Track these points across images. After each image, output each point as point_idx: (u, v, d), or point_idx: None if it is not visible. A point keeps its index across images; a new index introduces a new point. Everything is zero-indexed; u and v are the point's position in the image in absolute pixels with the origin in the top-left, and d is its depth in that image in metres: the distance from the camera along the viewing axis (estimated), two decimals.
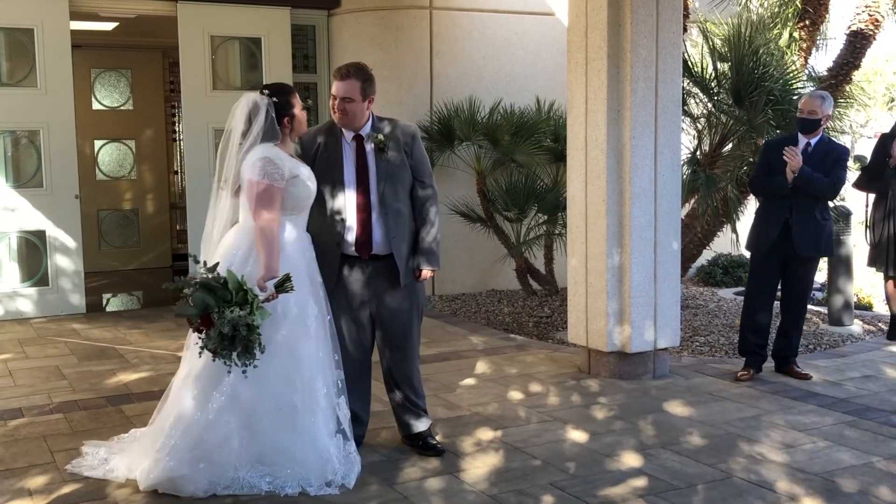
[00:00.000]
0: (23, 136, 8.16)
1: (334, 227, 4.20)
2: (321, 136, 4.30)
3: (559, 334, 7.38)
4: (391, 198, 4.23)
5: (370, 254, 4.23)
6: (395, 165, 4.26)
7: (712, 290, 9.56)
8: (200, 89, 8.48)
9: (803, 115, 5.72)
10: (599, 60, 5.75)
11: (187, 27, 8.45)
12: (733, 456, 4.42)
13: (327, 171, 4.21)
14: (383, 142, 4.24)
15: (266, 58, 8.75)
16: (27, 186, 8.14)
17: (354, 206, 4.21)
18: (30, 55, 8.06)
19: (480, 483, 4.09)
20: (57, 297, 8.23)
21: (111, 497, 3.95)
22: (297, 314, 4.04)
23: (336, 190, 4.21)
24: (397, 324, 4.34)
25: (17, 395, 5.57)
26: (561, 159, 8.14)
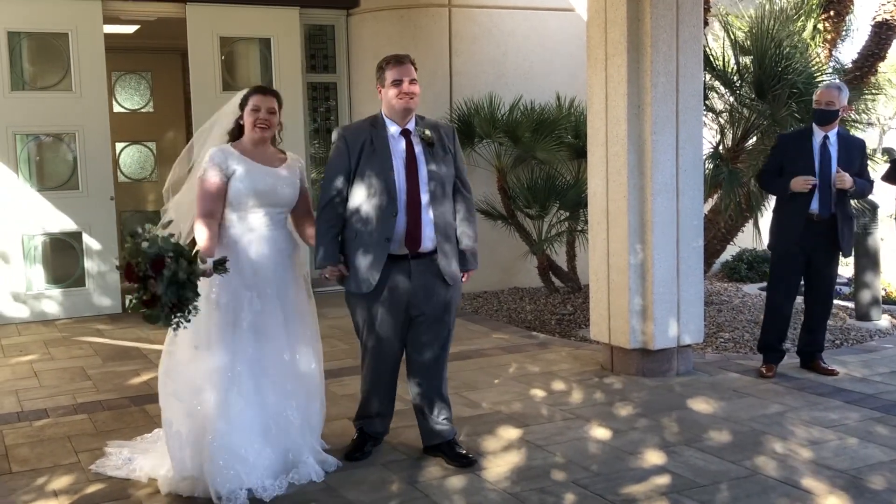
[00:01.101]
0: (58, 139, 8.26)
1: (384, 222, 4.09)
2: (366, 130, 4.19)
3: (582, 332, 7.34)
4: (439, 194, 4.16)
5: (416, 251, 4.14)
6: (441, 162, 4.19)
7: (737, 285, 9.47)
8: (210, 90, 8.52)
9: (821, 107, 5.62)
10: (619, 56, 5.70)
11: (196, 29, 8.49)
12: (758, 453, 4.37)
13: (376, 166, 4.11)
14: (431, 137, 4.17)
15: (276, 58, 8.76)
16: (63, 189, 8.24)
17: (405, 202, 4.11)
18: (64, 59, 8.15)
19: (502, 481, 4.07)
20: (93, 298, 8.33)
21: (134, 497, 3.96)
22: (225, 303, 4.03)
23: (386, 185, 4.09)
24: (434, 324, 4.24)
25: (42, 396, 5.62)
26: (582, 155, 8.10)
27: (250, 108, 4.15)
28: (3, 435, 4.84)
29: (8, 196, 7.99)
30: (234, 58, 8.86)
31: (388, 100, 4.14)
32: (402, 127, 4.17)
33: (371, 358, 4.28)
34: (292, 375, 4.16)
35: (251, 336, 4.05)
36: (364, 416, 4.43)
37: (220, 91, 8.51)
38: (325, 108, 9.44)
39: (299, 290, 4.26)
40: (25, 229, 8.09)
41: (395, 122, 4.17)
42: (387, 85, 4.13)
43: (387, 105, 4.18)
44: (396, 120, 4.17)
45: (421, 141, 4.17)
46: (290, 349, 4.16)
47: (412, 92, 4.11)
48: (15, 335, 7.53)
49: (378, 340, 4.21)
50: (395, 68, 4.12)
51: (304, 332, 4.24)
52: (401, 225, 4.10)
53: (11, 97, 7.97)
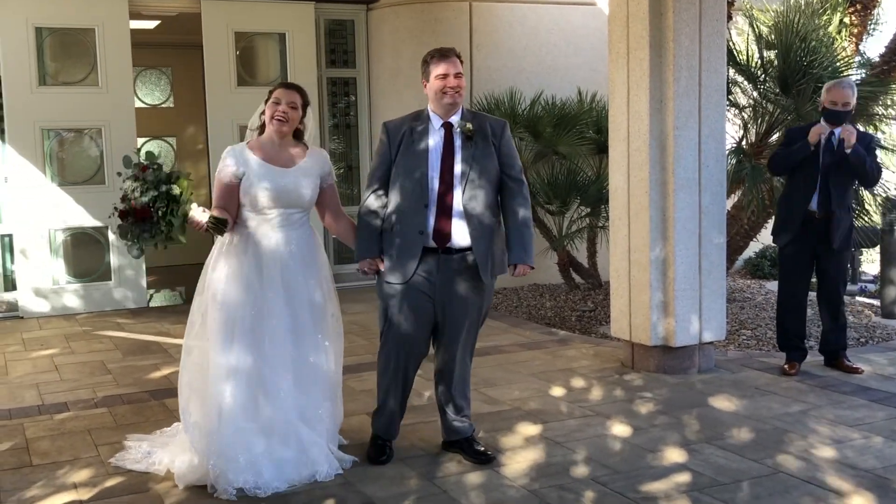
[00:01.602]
0: (85, 134, 8.32)
1: (417, 215, 4.05)
2: (409, 122, 4.16)
3: (602, 328, 7.29)
4: (476, 190, 4.09)
5: (446, 246, 4.08)
6: (482, 157, 4.10)
7: (760, 282, 9.38)
8: (225, 86, 8.52)
9: (837, 108, 5.52)
10: (641, 50, 5.65)
11: (211, 23, 8.51)
12: (780, 451, 4.32)
13: (411, 159, 4.08)
14: (472, 130, 4.10)
15: (290, 53, 8.75)
16: (89, 183, 8.30)
17: (437, 196, 4.07)
18: (91, 55, 8.20)
19: (521, 478, 4.04)
20: (117, 293, 8.39)
21: (153, 490, 3.97)
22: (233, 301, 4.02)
23: (421, 178, 4.06)
24: (458, 320, 4.18)
25: (62, 390, 5.65)
26: (604, 151, 8.04)
27: (271, 101, 4.14)
28: (24, 428, 4.87)
29: (35, 191, 8.06)
30: (249, 53, 8.86)
31: (433, 93, 4.10)
32: (444, 120, 4.13)
33: (391, 348, 4.21)
34: (305, 375, 4.11)
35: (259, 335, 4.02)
36: (381, 414, 4.33)
37: (234, 86, 8.53)
38: (345, 103, 9.44)
39: (317, 290, 4.19)
40: (52, 224, 8.15)
41: (438, 115, 4.14)
42: (431, 79, 4.09)
43: (431, 99, 4.13)
44: (440, 113, 4.13)
45: (461, 134, 4.12)
46: (299, 349, 4.11)
47: (458, 86, 4.07)
48: (36, 329, 7.58)
49: (400, 332, 4.16)
50: (440, 62, 4.08)
51: (318, 332, 4.17)
52: (431, 218, 4.06)
53: (38, 92, 8.04)
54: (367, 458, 4.26)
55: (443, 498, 3.83)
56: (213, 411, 3.97)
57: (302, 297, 4.13)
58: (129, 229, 3.91)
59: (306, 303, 4.14)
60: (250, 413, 3.98)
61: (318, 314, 4.20)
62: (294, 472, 3.97)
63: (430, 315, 4.16)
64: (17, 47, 7.92)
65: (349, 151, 9.51)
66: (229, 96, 8.48)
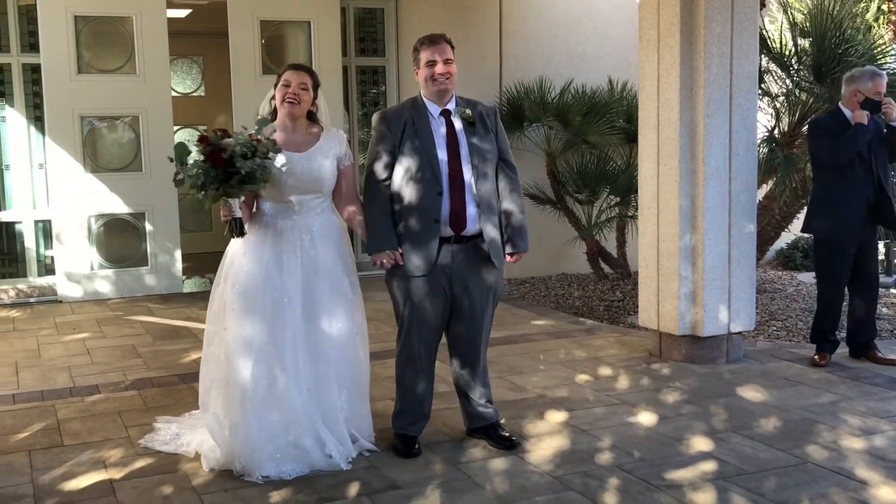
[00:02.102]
0: (122, 121, 8.42)
1: (429, 204, 4.02)
2: (406, 111, 4.12)
3: (630, 318, 7.26)
4: (482, 173, 4.09)
5: (460, 232, 4.07)
6: (483, 142, 4.11)
7: (791, 273, 9.29)
8: (250, 74, 8.57)
9: (879, 98, 5.44)
10: (672, 37, 5.60)
11: (237, 12, 8.54)
12: (809, 441, 4.27)
13: (420, 148, 4.03)
14: (471, 116, 4.11)
15: (315, 41, 8.77)
16: (127, 170, 8.41)
17: (448, 182, 4.04)
18: (128, 43, 8.29)
19: (545, 464, 4.03)
20: (153, 278, 8.50)
21: (182, 471, 4.01)
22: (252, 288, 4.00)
23: (431, 166, 4.02)
24: (477, 308, 4.18)
25: (94, 373, 5.73)
26: (634, 140, 7.98)
27: (281, 83, 4.07)
28: (55, 409, 4.95)
29: (74, 177, 8.17)
30: (275, 41, 8.88)
31: (423, 80, 4.08)
32: (441, 107, 4.12)
33: (415, 343, 4.18)
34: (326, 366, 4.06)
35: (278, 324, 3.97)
36: (405, 411, 4.28)
37: (259, 75, 8.57)
38: (375, 91, 9.45)
39: (340, 279, 4.13)
40: (89, 210, 8.26)
41: (435, 103, 4.12)
42: (421, 66, 4.07)
43: (423, 86, 4.11)
44: (435, 101, 4.11)
45: (462, 121, 4.12)
46: (319, 339, 4.05)
47: (448, 72, 4.05)
48: (69, 313, 7.69)
49: (422, 323, 4.14)
50: (429, 49, 4.05)
51: (340, 322, 4.11)
52: (446, 205, 4.04)
53: (77, 80, 8.14)
54: (395, 452, 4.19)
55: (467, 483, 3.84)
56: (236, 402, 3.96)
57: (323, 286, 4.06)
58: (196, 161, 3.83)
59: (327, 292, 4.07)
60: (272, 402, 3.96)
61: (342, 304, 4.12)
62: (316, 459, 3.98)
63: (447, 304, 4.16)
64: (57, 36, 8.02)
65: None
66: (254, 85, 8.52)
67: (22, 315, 7.65)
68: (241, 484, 3.85)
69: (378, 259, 4.08)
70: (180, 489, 3.82)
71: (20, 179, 8.25)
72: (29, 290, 8.28)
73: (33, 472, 4.03)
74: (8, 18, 8.08)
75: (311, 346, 4.04)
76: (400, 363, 4.27)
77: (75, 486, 3.86)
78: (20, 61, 8.14)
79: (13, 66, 8.12)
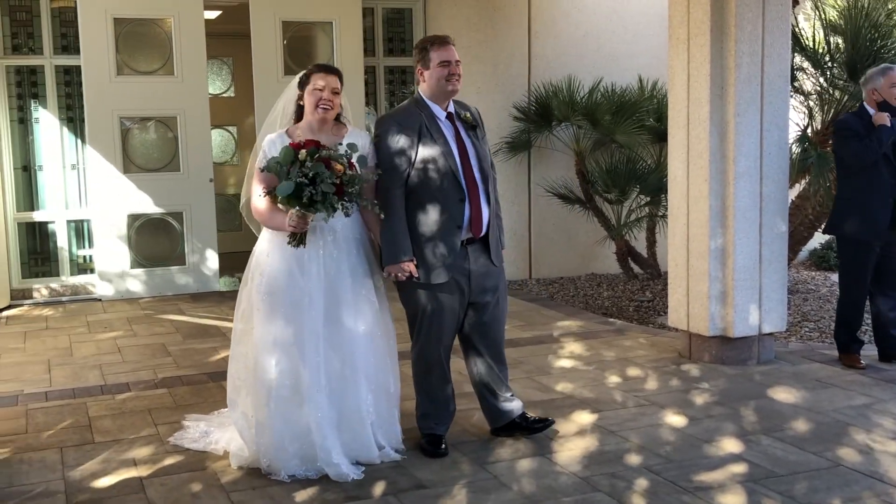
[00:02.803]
0: (161, 122, 8.52)
1: (453, 209, 4.00)
2: (417, 114, 4.06)
3: (660, 319, 7.20)
4: (487, 177, 4.11)
5: (478, 236, 4.07)
6: (482, 144, 4.17)
7: (825, 274, 9.17)
8: (272, 75, 8.60)
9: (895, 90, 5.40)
10: (702, 36, 5.55)
11: (259, 13, 8.57)
12: (841, 444, 4.21)
13: (437, 151, 4.00)
14: (471, 119, 4.14)
15: (337, 42, 8.78)
16: (165, 171, 8.50)
17: (467, 187, 4.02)
18: (167, 44, 8.39)
19: (573, 465, 4.01)
20: (188, 278, 8.60)
21: (210, 469, 4.04)
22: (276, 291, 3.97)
23: (450, 170, 4.00)
24: (493, 307, 4.20)
25: (125, 371, 5.78)
26: (664, 139, 7.91)
27: (312, 87, 3.98)
28: (87, 407, 5.00)
29: (112, 178, 8.27)
30: (297, 42, 8.90)
31: (436, 81, 4.03)
32: (444, 110, 4.10)
33: (435, 347, 4.16)
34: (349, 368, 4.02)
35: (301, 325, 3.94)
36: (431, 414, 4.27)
37: (281, 75, 8.61)
38: (403, 92, 9.46)
39: (364, 281, 4.06)
40: (128, 209, 8.36)
41: (438, 105, 4.09)
42: (432, 66, 4.02)
43: (433, 87, 4.05)
44: (439, 103, 4.09)
45: (463, 124, 4.12)
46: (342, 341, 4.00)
47: (460, 74, 4.06)
48: (101, 312, 7.77)
49: (442, 328, 4.13)
50: (440, 49, 4.03)
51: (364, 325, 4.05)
52: (467, 211, 4.04)
53: (116, 82, 8.24)
54: (423, 451, 4.18)
55: (494, 483, 3.83)
56: (262, 401, 3.96)
57: (346, 288, 4.01)
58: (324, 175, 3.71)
59: (351, 294, 4.02)
60: (296, 401, 3.95)
61: (365, 306, 4.06)
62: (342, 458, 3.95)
63: (464, 307, 4.17)
64: (97, 38, 8.12)
65: None
66: (276, 86, 8.54)
67: (55, 314, 7.75)
68: (269, 482, 3.87)
69: (393, 271, 4.02)
70: (209, 487, 3.84)
71: (53, 180, 8.36)
72: (62, 288, 8.38)
73: (65, 468, 4.08)
74: (41, 21, 8.19)
75: (333, 347, 4.00)
76: (420, 370, 4.24)
77: (105, 483, 3.90)
78: (53, 63, 8.25)
79: (46, 67, 8.23)
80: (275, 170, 3.78)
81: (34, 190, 8.37)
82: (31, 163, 8.32)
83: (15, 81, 8.21)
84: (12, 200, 8.24)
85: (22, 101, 8.26)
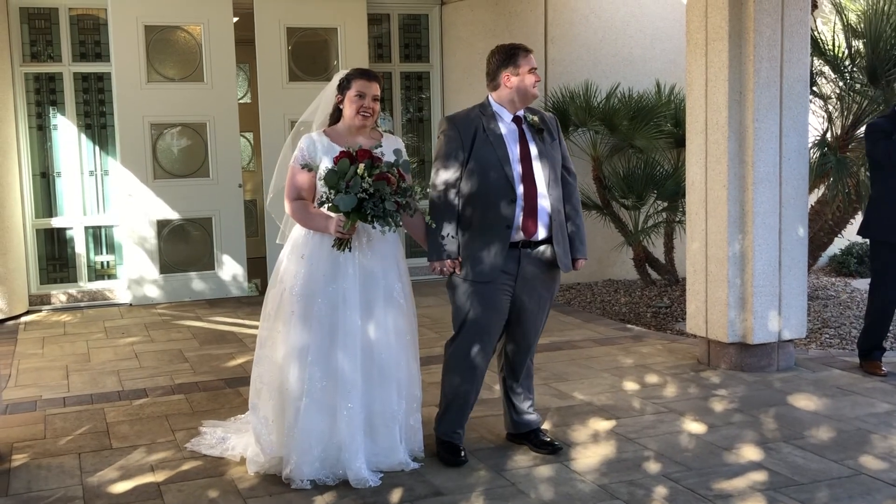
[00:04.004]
0: (190, 128, 8.57)
1: (504, 209, 4.01)
2: (476, 117, 4.11)
3: (678, 325, 7.15)
4: (552, 180, 4.10)
5: (530, 239, 4.06)
6: (550, 149, 4.13)
7: (845, 280, 9.09)
8: (277, 81, 8.62)
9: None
10: (720, 41, 5.52)
11: (263, 19, 8.60)
12: (863, 452, 4.16)
13: (492, 153, 4.03)
14: (539, 123, 4.12)
15: (342, 48, 8.79)
16: (195, 176, 8.57)
17: (521, 189, 4.03)
18: (197, 51, 8.45)
19: (591, 473, 3.98)
20: (222, 281, 8.65)
21: (228, 475, 4.04)
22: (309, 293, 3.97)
23: (503, 172, 4.01)
24: (539, 316, 4.18)
25: (142, 377, 5.80)
26: (682, 144, 7.89)
27: (354, 93, 4.02)
28: (104, 412, 5.02)
29: (142, 183, 8.33)
30: (301, 48, 8.90)
31: (524, 87, 4.07)
32: (513, 114, 4.13)
33: (470, 346, 4.13)
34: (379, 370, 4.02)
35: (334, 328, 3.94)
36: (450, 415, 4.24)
37: (286, 82, 8.64)
38: (418, 97, 9.46)
39: (395, 283, 4.08)
40: (157, 215, 8.41)
41: (506, 109, 4.12)
42: (523, 72, 4.06)
43: (517, 92, 4.07)
44: (510, 108, 4.12)
45: (530, 128, 4.13)
46: (374, 343, 4.00)
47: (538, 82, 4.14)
48: (118, 318, 7.80)
49: (481, 330, 4.10)
50: (527, 56, 4.10)
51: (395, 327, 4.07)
52: (518, 212, 4.03)
53: (147, 88, 8.30)
54: (441, 460, 4.15)
55: (511, 490, 3.81)
56: (288, 406, 3.95)
57: (379, 290, 4.02)
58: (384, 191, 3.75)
59: (383, 297, 4.03)
60: (324, 406, 3.94)
61: (396, 309, 4.07)
62: (366, 463, 3.95)
63: (507, 310, 4.14)
64: (128, 45, 8.19)
65: (422, 146, 9.54)
66: (280, 92, 8.59)
67: (73, 319, 7.78)
68: (286, 489, 3.86)
69: (438, 266, 4.08)
70: (226, 493, 3.84)
71: (71, 186, 8.40)
72: (79, 294, 8.42)
73: (83, 473, 4.09)
74: (60, 28, 8.24)
75: (366, 350, 4.00)
76: (452, 366, 4.20)
77: (123, 489, 3.91)
78: (71, 70, 8.30)
79: (65, 75, 8.28)
80: (332, 182, 3.77)
81: (52, 196, 8.42)
82: (49, 169, 8.37)
83: (34, 89, 8.26)
84: (31, 207, 8.29)
85: (41, 108, 8.31)
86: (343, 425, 3.92)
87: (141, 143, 8.31)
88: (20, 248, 8.05)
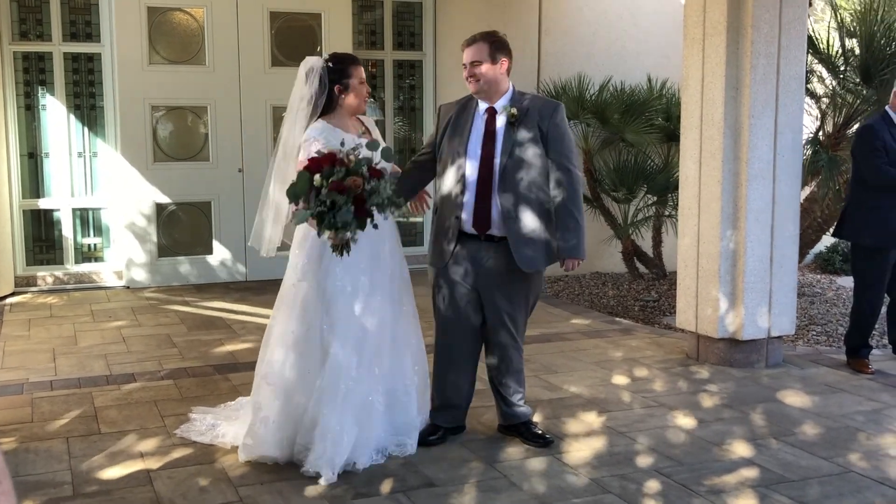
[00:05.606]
0: (191, 112, 8.50)
1: (454, 199, 4.05)
2: (457, 107, 4.18)
3: (666, 319, 7.18)
4: (514, 175, 3.99)
5: (486, 233, 4.04)
6: (525, 141, 4.00)
7: (830, 277, 9.15)
8: (259, 65, 8.55)
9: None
10: (718, 36, 5.51)
11: (246, 2, 8.48)
12: (851, 450, 4.19)
13: (452, 142, 4.08)
14: (515, 115, 4.02)
15: (326, 34, 8.72)
16: (195, 160, 8.49)
17: (475, 181, 4.01)
18: (198, 34, 8.36)
19: (582, 466, 3.99)
20: (218, 266, 8.59)
21: (218, 463, 4.01)
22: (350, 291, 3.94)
23: (459, 162, 4.03)
24: (501, 309, 4.15)
25: (130, 361, 5.76)
26: (673, 139, 7.91)
27: (357, 81, 4.09)
28: (92, 397, 4.98)
29: (141, 166, 8.25)
30: (284, 33, 8.83)
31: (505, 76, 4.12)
32: (489, 104, 4.10)
33: (442, 334, 4.23)
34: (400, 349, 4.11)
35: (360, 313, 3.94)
36: (439, 406, 4.30)
37: (269, 67, 8.56)
38: (410, 85, 9.42)
39: (401, 263, 4.19)
40: (157, 198, 8.34)
41: (483, 100, 4.11)
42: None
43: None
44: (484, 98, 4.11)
45: (508, 118, 4.07)
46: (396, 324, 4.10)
47: (473, 75, 4.11)
48: (105, 301, 7.74)
49: (447, 318, 4.18)
50: (464, 51, 4.15)
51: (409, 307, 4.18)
52: (469, 204, 4.03)
53: (148, 70, 8.22)
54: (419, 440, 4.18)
55: (503, 483, 3.81)
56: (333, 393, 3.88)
57: (395, 271, 4.12)
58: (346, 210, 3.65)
59: (399, 278, 4.15)
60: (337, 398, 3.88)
61: (407, 289, 4.20)
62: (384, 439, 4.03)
63: (473, 303, 4.15)
64: (130, 27, 8.10)
65: (412, 134, 9.51)
66: (263, 77, 8.52)
67: (59, 302, 7.72)
68: (277, 477, 3.84)
69: None
70: (217, 480, 3.82)
71: (59, 167, 8.32)
72: (66, 277, 8.35)
73: (71, 459, 4.05)
74: (50, 7, 8.14)
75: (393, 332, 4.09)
76: (434, 359, 4.33)
77: (113, 475, 3.88)
78: (61, 50, 8.20)
79: (54, 54, 8.18)
80: (290, 196, 3.72)
81: (40, 177, 8.33)
82: (37, 150, 8.28)
83: (22, 68, 8.16)
84: (18, 187, 8.20)
85: (29, 88, 8.21)
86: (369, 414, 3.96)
87: (141, 126, 8.22)
88: (6, 228, 7.96)
